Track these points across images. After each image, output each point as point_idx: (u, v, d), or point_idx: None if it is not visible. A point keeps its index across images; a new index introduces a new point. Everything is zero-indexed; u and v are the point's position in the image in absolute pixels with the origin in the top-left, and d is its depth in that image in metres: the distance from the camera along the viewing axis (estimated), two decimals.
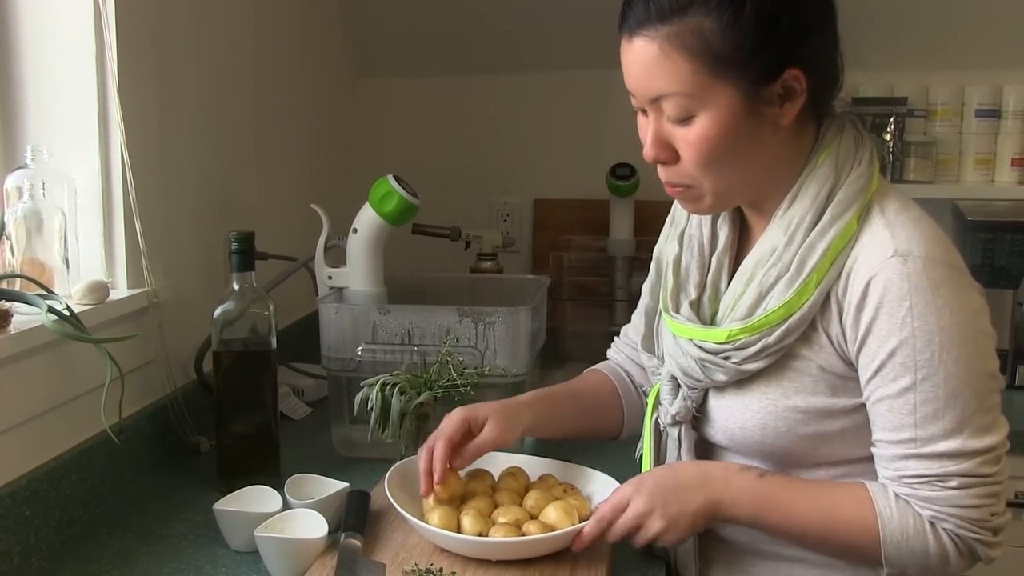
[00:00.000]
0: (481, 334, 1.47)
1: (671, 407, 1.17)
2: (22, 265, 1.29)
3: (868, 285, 1.01)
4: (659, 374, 1.22)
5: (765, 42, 0.99)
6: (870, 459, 1.07)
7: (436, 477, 1.16)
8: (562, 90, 2.52)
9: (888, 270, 1.00)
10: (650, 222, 2.42)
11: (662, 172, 1.09)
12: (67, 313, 1.23)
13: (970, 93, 2.27)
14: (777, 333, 1.05)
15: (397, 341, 1.50)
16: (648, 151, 1.07)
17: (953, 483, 1.00)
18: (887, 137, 2.27)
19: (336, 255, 1.70)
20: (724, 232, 1.17)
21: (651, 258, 1.29)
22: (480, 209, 2.57)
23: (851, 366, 1.05)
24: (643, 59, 1.02)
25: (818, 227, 1.05)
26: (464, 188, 2.55)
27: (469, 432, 1.21)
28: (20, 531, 1.17)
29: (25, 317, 1.22)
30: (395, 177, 1.61)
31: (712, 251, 1.17)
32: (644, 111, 1.08)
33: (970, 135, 2.27)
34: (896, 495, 1.03)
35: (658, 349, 1.24)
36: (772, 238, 1.09)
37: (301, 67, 2.19)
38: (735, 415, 1.12)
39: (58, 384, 1.27)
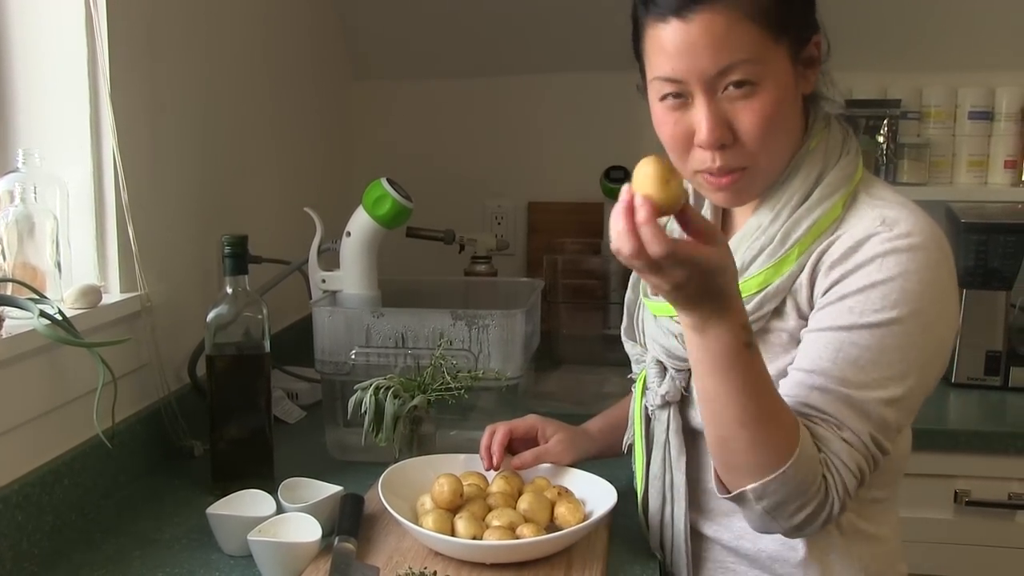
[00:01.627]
0: (475, 337, 1.47)
1: (660, 388, 1.16)
2: (14, 269, 1.28)
3: (851, 247, 1.02)
4: (643, 361, 1.22)
5: (802, 4, 1.03)
6: None
7: (495, 459, 1.26)
8: (556, 93, 2.52)
9: (874, 237, 1.01)
10: None
11: (718, 158, 1.04)
12: (59, 317, 1.23)
13: (963, 95, 2.28)
14: (755, 301, 1.05)
15: (391, 344, 1.50)
16: (711, 134, 1.01)
17: (846, 434, 0.98)
18: (880, 139, 2.27)
19: (330, 258, 1.70)
20: (707, 215, 1.18)
21: None
22: (474, 212, 2.58)
23: (807, 321, 1.06)
24: (711, 31, 0.98)
25: (805, 205, 1.06)
26: (458, 191, 2.55)
27: (533, 438, 1.31)
28: (12, 536, 1.16)
29: (17, 322, 1.21)
30: (388, 180, 1.61)
31: None
32: (680, 99, 1.03)
33: (963, 137, 2.28)
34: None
35: (639, 337, 1.25)
36: (759, 215, 1.09)
37: (295, 70, 2.19)
38: None
39: (51, 389, 1.27)
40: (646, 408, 1.20)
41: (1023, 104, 2.24)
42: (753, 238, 1.08)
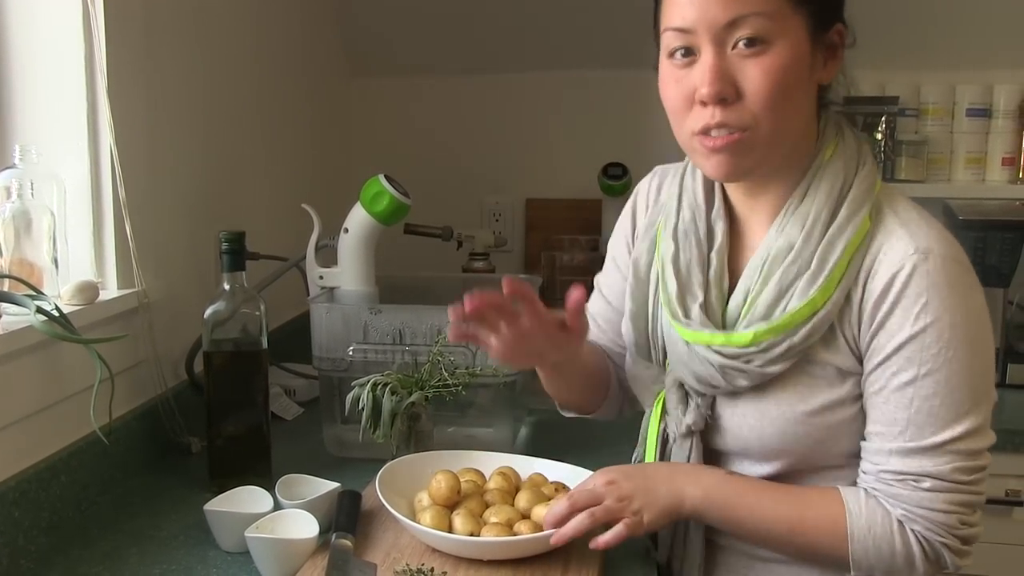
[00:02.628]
0: None
1: (685, 417, 1.13)
2: (11, 266, 1.28)
3: (891, 280, 1.01)
4: (660, 381, 1.18)
5: None
6: None
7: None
8: (554, 90, 2.52)
9: (909, 266, 1.00)
10: None
11: (718, 114, 1.00)
12: (56, 314, 1.22)
13: (961, 92, 2.28)
14: (802, 332, 1.03)
15: (388, 341, 1.50)
16: (712, 86, 0.99)
17: (926, 484, 1.00)
18: (879, 136, 2.27)
19: (327, 255, 1.70)
20: (720, 226, 1.13)
21: None
22: (472, 209, 2.58)
23: (859, 361, 1.05)
24: None
25: (836, 224, 1.04)
26: (456, 188, 2.55)
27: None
28: (9, 533, 1.16)
29: (14, 318, 1.21)
30: (386, 177, 1.61)
31: (710, 247, 1.13)
32: (688, 57, 1.02)
33: (961, 134, 2.28)
34: (866, 493, 1.04)
35: (655, 355, 1.19)
36: (788, 234, 1.06)
37: (293, 66, 2.18)
38: (751, 423, 1.09)
39: (47, 385, 1.27)
40: (664, 432, 1.17)
41: (1021, 101, 2.25)
42: (788, 261, 1.05)
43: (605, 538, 1.07)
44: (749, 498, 1.08)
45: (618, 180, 2.28)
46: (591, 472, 1.27)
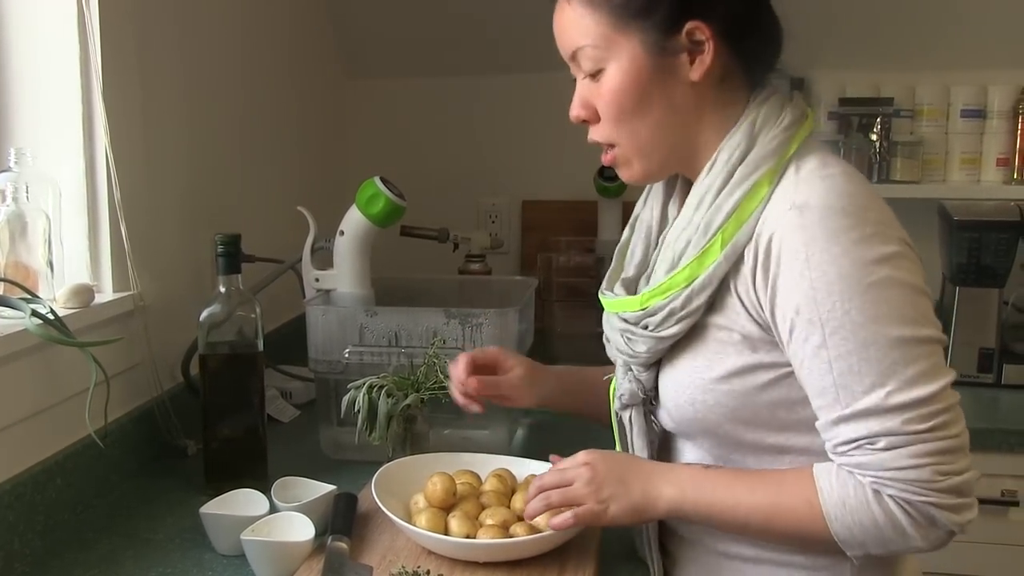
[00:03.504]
0: (469, 336, 1.47)
1: (619, 390, 1.15)
2: (6, 269, 1.28)
3: (769, 242, 0.98)
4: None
5: None
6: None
7: (460, 377, 1.27)
8: (550, 91, 2.50)
9: (784, 223, 0.97)
10: None
11: (590, 133, 1.12)
12: (51, 317, 1.22)
13: (956, 93, 2.28)
14: (683, 296, 1.03)
15: (384, 343, 1.50)
16: (572, 110, 1.12)
17: (881, 443, 0.93)
18: (873, 137, 2.28)
19: (323, 257, 1.70)
20: (673, 213, 1.15)
21: None
22: (468, 211, 2.58)
23: (771, 332, 1.01)
24: (559, 18, 1.09)
25: (726, 189, 1.03)
26: (452, 190, 2.55)
27: (493, 369, 1.31)
28: (4, 536, 1.16)
29: (9, 321, 1.21)
30: (382, 179, 1.61)
31: (660, 231, 1.16)
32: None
33: (956, 135, 2.29)
34: (837, 467, 0.98)
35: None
36: (688, 204, 1.07)
37: (288, 68, 2.18)
38: (670, 393, 1.10)
39: (43, 388, 1.27)
40: (618, 413, 1.18)
41: (1015, 102, 2.25)
42: (680, 229, 1.06)
43: (555, 520, 1.08)
44: (722, 491, 1.04)
45: (614, 182, 2.28)
46: None
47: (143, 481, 1.44)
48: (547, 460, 1.32)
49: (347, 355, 1.50)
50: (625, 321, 1.11)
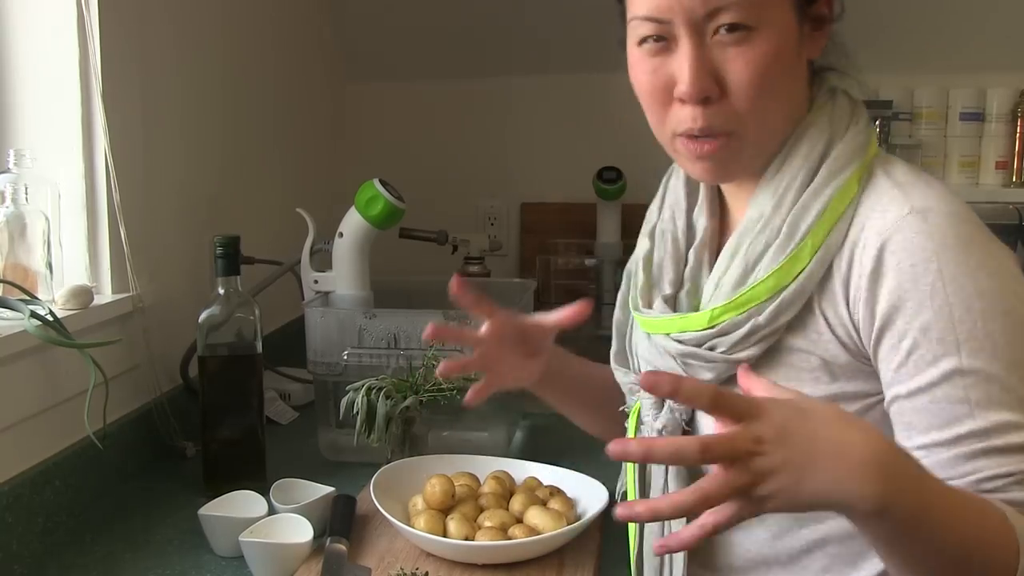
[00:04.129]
0: None
1: (655, 422, 0.99)
2: (5, 270, 1.28)
3: (882, 250, 0.84)
4: (638, 391, 1.03)
5: None
6: None
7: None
8: (549, 94, 2.52)
9: (907, 229, 0.83)
10: (637, 226, 2.42)
11: (700, 117, 0.89)
12: (50, 318, 1.22)
13: (954, 96, 2.28)
14: (769, 310, 0.88)
15: (383, 345, 1.50)
16: (693, 85, 0.87)
17: None
18: None
19: (322, 259, 1.70)
20: (702, 223, 1.01)
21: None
22: (467, 213, 2.57)
23: (860, 358, 0.87)
24: None
25: (812, 186, 0.89)
26: (451, 192, 2.55)
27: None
28: (2, 537, 1.16)
29: (8, 323, 1.21)
30: (381, 181, 1.61)
31: (689, 245, 1.01)
32: (661, 43, 0.90)
33: (955, 138, 2.29)
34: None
35: (633, 363, 1.08)
36: (760, 204, 0.93)
37: (288, 71, 2.18)
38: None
39: (41, 390, 1.27)
40: None
41: (1014, 105, 2.25)
42: (756, 231, 0.91)
43: (680, 537, 0.71)
44: (939, 505, 0.74)
45: (613, 184, 2.28)
46: (585, 476, 1.27)
47: (142, 483, 1.44)
48: (546, 462, 1.32)
49: (346, 357, 1.50)
50: (681, 343, 0.94)
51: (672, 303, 0.99)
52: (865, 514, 0.71)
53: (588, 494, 1.24)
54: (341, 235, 1.64)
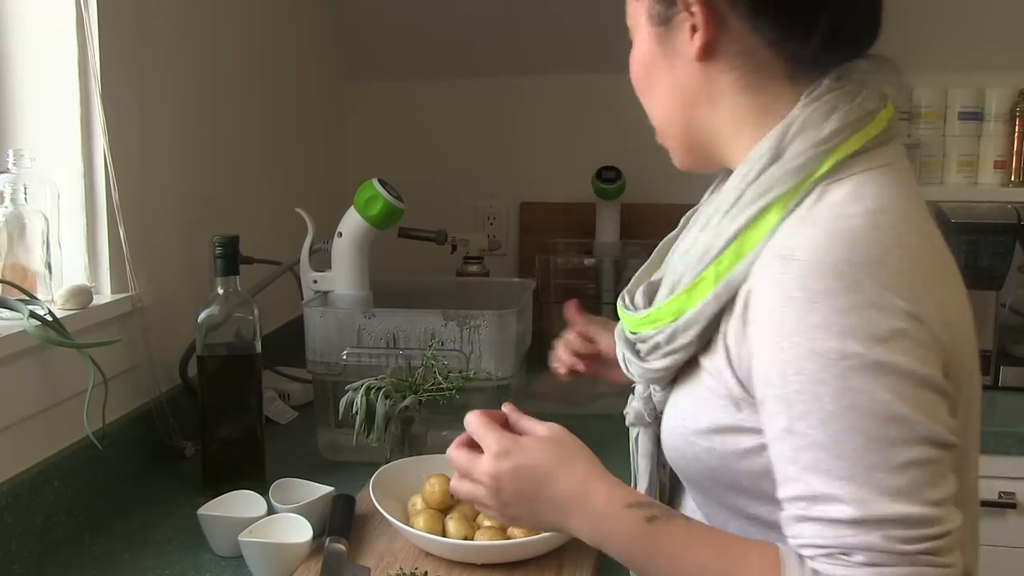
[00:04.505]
0: (466, 337, 1.47)
1: (628, 405, 1.04)
2: (4, 270, 1.28)
3: (749, 294, 0.82)
4: None
5: None
6: None
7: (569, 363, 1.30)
8: (548, 93, 2.53)
9: (767, 276, 0.80)
10: (636, 225, 2.44)
11: None
12: (49, 318, 1.22)
13: (953, 96, 2.28)
14: (667, 331, 0.89)
15: (382, 345, 1.50)
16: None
17: (859, 558, 0.74)
18: None
19: (321, 259, 1.70)
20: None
21: (637, 260, 1.15)
22: (466, 212, 2.57)
23: (749, 392, 0.84)
24: None
25: (732, 211, 0.85)
26: (450, 192, 2.55)
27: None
28: (1, 537, 1.16)
29: (7, 323, 1.21)
30: (380, 181, 1.61)
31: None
32: None
33: (953, 137, 2.29)
34: (811, 568, 0.77)
35: None
36: (697, 222, 0.93)
37: (287, 70, 2.18)
38: (664, 430, 0.96)
39: (40, 390, 1.27)
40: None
41: (1012, 104, 2.25)
42: (684, 251, 0.91)
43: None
44: (666, 550, 0.84)
45: (612, 183, 2.29)
46: None
47: (141, 483, 1.44)
48: None
49: (345, 357, 1.50)
50: (624, 339, 0.98)
51: (646, 294, 0.98)
52: (587, 541, 0.90)
53: None
54: (340, 235, 1.64)
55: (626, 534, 0.86)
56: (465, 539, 1.13)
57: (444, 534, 1.15)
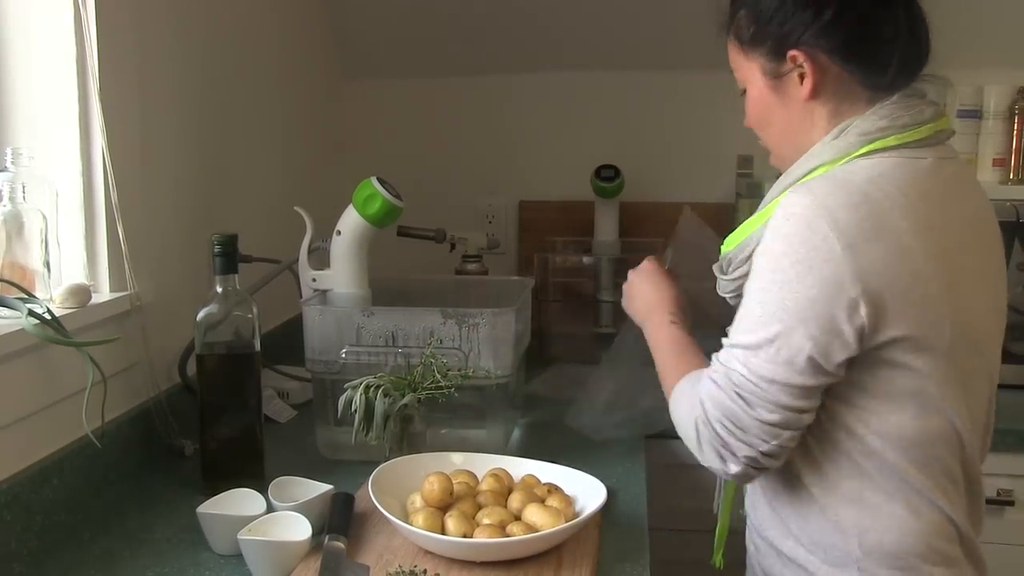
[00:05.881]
0: (465, 336, 1.47)
1: None
2: (2, 269, 1.28)
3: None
4: None
5: (763, 27, 1.18)
6: (871, 440, 1.11)
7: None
8: (547, 91, 2.52)
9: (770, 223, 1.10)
10: (635, 223, 2.44)
11: None
12: (48, 317, 1.22)
13: (952, 93, 2.28)
14: (732, 253, 1.20)
15: (381, 343, 1.50)
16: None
17: (715, 374, 1.10)
18: None
19: (320, 257, 1.70)
20: None
21: (637, 259, 1.33)
22: (465, 211, 2.57)
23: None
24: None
25: (790, 174, 1.18)
26: (449, 190, 2.55)
27: None
28: (1, 536, 1.16)
29: (6, 321, 1.21)
30: (379, 179, 1.61)
31: None
32: None
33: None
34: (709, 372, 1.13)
35: None
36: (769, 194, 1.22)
37: (285, 68, 2.18)
38: None
39: (40, 388, 1.27)
40: None
41: (1011, 102, 2.25)
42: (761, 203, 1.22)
43: None
44: (664, 345, 1.28)
45: (611, 182, 2.29)
46: (583, 474, 1.28)
47: (140, 481, 1.44)
48: (544, 460, 1.32)
49: (344, 355, 1.50)
50: (719, 266, 1.25)
51: None
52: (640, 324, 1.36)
53: (586, 491, 1.24)
54: (339, 233, 1.64)
55: (661, 330, 1.30)
56: (464, 537, 1.13)
57: (443, 532, 1.15)
